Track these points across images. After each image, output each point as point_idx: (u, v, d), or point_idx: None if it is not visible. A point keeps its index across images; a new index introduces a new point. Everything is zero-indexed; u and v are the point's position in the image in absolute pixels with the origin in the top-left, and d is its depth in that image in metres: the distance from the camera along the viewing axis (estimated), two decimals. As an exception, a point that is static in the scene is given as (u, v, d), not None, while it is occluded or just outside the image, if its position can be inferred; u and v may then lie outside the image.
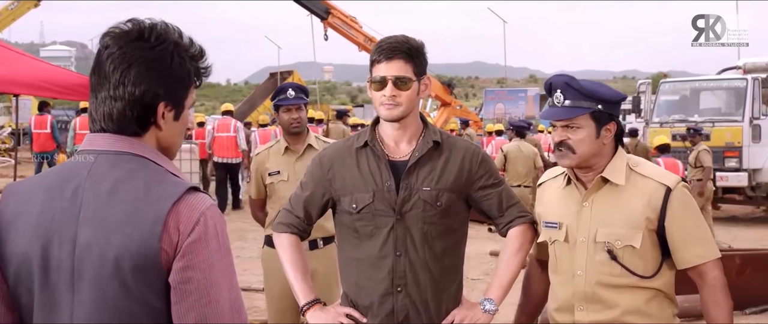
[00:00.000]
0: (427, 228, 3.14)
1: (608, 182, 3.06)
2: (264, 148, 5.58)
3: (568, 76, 3.10)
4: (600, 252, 3.04)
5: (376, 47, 3.16)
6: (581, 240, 3.08)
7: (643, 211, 3.00)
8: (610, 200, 3.05)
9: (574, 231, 3.10)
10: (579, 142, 3.02)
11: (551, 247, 3.19)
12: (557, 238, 3.15)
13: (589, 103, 3.02)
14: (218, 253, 1.94)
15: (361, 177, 3.19)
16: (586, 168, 3.08)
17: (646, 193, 3.01)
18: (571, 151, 3.03)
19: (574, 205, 3.11)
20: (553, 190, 3.24)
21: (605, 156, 3.08)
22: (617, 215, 3.02)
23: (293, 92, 5.40)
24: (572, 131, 3.03)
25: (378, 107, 3.16)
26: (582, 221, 3.08)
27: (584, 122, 3.03)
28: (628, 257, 3.01)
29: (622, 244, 3.01)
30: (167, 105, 2.01)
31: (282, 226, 3.36)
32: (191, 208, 1.92)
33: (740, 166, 15.41)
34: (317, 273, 5.13)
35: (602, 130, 3.05)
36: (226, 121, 17.09)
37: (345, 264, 3.30)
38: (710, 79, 17.07)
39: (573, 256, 3.09)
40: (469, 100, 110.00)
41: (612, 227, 3.02)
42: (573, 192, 3.14)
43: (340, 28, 27.66)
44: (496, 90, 40.85)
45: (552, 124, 3.14)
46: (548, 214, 3.20)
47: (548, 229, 3.19)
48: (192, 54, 2.06)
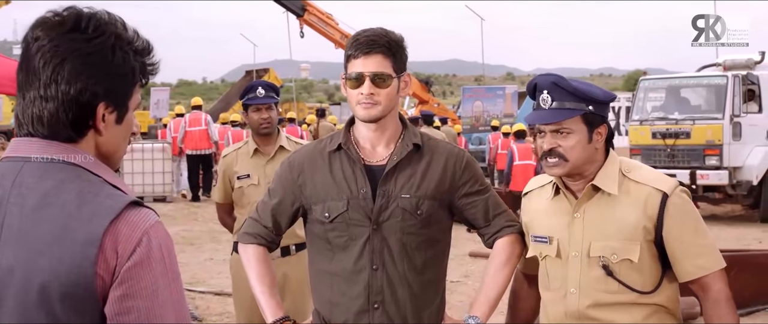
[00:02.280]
0: (407, 239, 2.89)
1: (600, 190, 2.81)
2: (232, 150, 5.32)
3: (555, 75, 2.83)
4: (594, 267, 2.78)
5: (352, 41, 2.90)
6: (573, 255, 2.82)
7: (638, 221, 2.75)
8: (603, 210, 2.80)
9: (565, 245, 2.84)
10: (571, 149, 2.76)
11: (542, 262, 2.93)
12: (548, 253, 2.89)
13: (579, 104, 2.76)
14: (164, 279, 1.67)
15: (334, 183, 2.93)
16: (576, 175, 2.82)
17: (640, 200, 2.76)
18: (563, 159, 2.76)
19: (565, 216, 2.86)
20: (540, 201, 2.97)
21: (597, 162, 2.82)
22: (611, 226, 2.77)
23: (263, 91, 5.14)
24: (562, 137, 2.77)
25: (354, 107, 2.90)
26: (574, 234, 2.82)
27: (575, 126, 2.76)
28: (625, 272, 2.76)
29: (619, 258, 2.76)
30: (108, 106, 1.75)
31: (248, 236, 3.09)
32: (132, 227, 1.66)
33: (721, 164, 15.30)
34: (290, 279, 4.96)
35: (594, 133, 2.79)
36: (197, 115, 18.60)
37: (316, 278, 3.04)
38: (690, 77, 16.95)
39: (565, 273, 2.84)
40: (446, 97, 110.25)
41: (606, 240, 2.77)
42: (562, 202, 2.88)
43: (316, 26, 27.54)
44: (473, 88, 40.63)
45: (538, 129, 2.84)
46: (537, 226, 2.94)
47: (538, 244, 2.93)
48: (137, 48, 1.80)
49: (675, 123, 15.68)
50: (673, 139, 15.59)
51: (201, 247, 12.17)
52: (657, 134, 15.75)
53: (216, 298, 8.74)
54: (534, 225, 2.95)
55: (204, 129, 18.18)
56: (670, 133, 15.61)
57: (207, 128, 18.20)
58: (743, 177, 15.46)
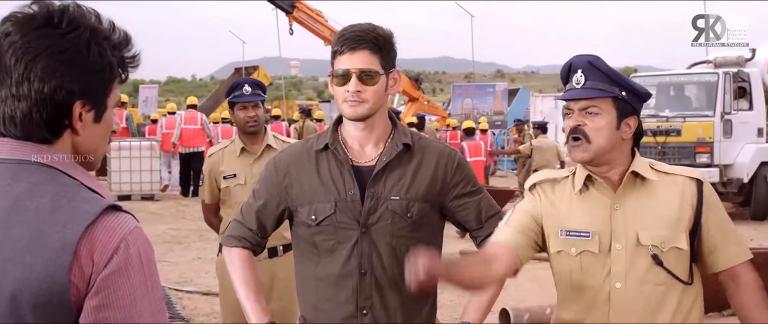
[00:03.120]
0: (396, 242, 2.80)
1: (637, 179, 2.72)
2: (218, 148, 5.23)
3: (592, 56, 2.73)
4: (642, 257, 2.67)
5: (339, 37, 2.81)
6: (617, 248, 2.69)
7: (680, 209, 2.69)
8: (644, 199, 2.71)
9: (606, 239, 2.70)
10: (596, 131, 2.65)
11: (575, 258, 2.73)
12: (588, 248, 2.71)
13: (612, 87, 2.67)
14: (142, 287, 1.59)
15: (321, 184, 2.84)
16: (603, 165, 2.70)
17: (677, 189, 2.70)
18: (587, 140, 2.65)
19: (602, 209, 2.72)
20: (562, 196, 2.80)
21: (623, 154, 2.72)
22: (655, 215, 2.69)
23: (249, 88, 5.06)
24: (590, 117, 2.66)
25: (341, 104, 2.80)
26: (617, 226, 2.70)
27: (605, 107, 2.66)
28: (673, 261, 2.68)
29: (668, 246, 2.67)
30: (85, 104, 1.67)
31: (232, 239, 3.00)
32: (109, 233, 1.58)
33: (712, 161, 15.28)
34: (278, 280, 4.88)
35: (623, 122, 2.69)
36: (193, 114, 18.98)
37: (303, 283, 2.96)
38: (681, 74, 16.92)
39: (608, 269, 2.70)
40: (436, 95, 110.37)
41: (653, 229, 2.67)
42: (595, 195, 2.74)
43: (305, 23, 27.41)
44: (463, 85, 40.52)
45: (566, 109, 2.73)
46: (566, 221, 2.76)
47: (573, 239, 2.73)
48: (114, 42, 1.72)
49: (666, 120, 15.64)
50: (663, 137, 15.56)
51: (189, 246, 12.06)
52: (648, 131, 15.64)
53: (203, 298, 8.65)
54: (562, 220, 2.77)
55: (199, 128, 18.61)
56: (660, 131, 15.58)
57: (203, 127, 18.67)
58: (734, 174, 15.45)
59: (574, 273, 2.76)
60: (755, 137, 15.77)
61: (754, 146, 15.60)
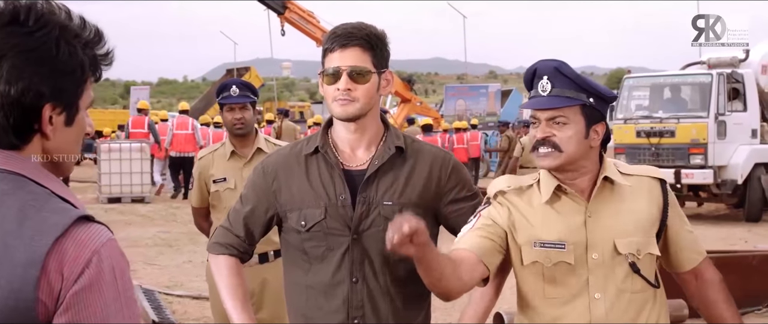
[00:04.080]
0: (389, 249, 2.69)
1: (608, 184, 2.63)
2: (208, 152, 5.12)
3: (557, 61, 2.64)
4: (620, 266, 2.58)
5: (330, 34, 2.70)
6: (594, 257, 2.59)
7: (649, 212, 2.63)
8: (616, 205, 2.62)
9: (581, 248, 2.60)
10: (566, 140, 2.56)
11: (549, 269, 2.62)
12: (563, 259, 2.60)
13: (579, 94, 2.58)
14: (115, 304, 1.48)
15: (311, 189, 2.73)
16: (569, 172, 2.61)
17: (643, 191, 2.65)
18: (557, 149, 2.56)
19: (575, 217, 2.61)
20: (530, 205, 2.67)
21: (592, 161, 2.63)
22: (628, 220, 2.61)
23: (237, 89, 4.94)
24: (558, 127, 2.57)
25: (330, 104, 2.70)
26: (592, 235, 2.59)
27: (573, 116, 2.57)
28: (647, 267, 2.62)
29: (643, 252, 2.60)
30: (55, 107, 1.56)
31: (219, 246, 2.89)
32: (80, 246, 1.47)
33: (706, 163, 15.20)
34: (269, 286, 4.76)
35: (591, 130, 2.60)
36: (184, 119, 19.38)
37: (292, 291, 2.84)
38: (675, 75, 16.84)
39: (585, 279, 2.59)
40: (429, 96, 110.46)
41: (628, 235, 2.59)
42: (568, 203, 2.64)
43: (297, 24, 27.40)
44: (456, 86, 40.61)
45: (532, 117, 2.64)
46: (539, 232, 2.63)
47: (547, 250, 2.61)
48: (85, 40, 1.61)
49: (659, 121, 15.57)
50: (657, 138, 15.49)
51: (180, 249, 11.96)
52: (641, 133, 15.63)
53: (194, 302, 8.55)
54: (529, 229, 2.65)
55: (190, 133, 18.84)
56: (654, 132, 15.50)
57: (194, 133, 18.90)
58: (728, 176, 15.38)
59: (548, 286, 2.64)
60: (749, 138, 15.71)
61: (748, 147, 15.54)
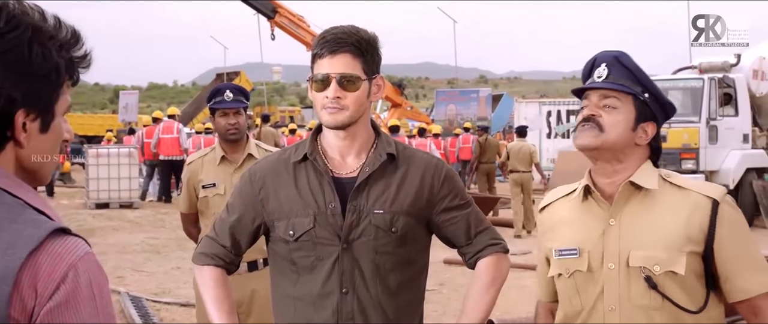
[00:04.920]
0: (380, 259, 2.61)
1: (639, 191, 2.48)
2: (197, 157, 5.02)
3: (619, 52, 2.53)
4: (635, 280, 2.43)
5: (319, 39, 2.60)
6: (610, 267, 2.46)
7: (685, 230, 2.41)
8: (643, 215, 2.46)
9: (598, 257, 2.48)
10: (611, 124, 2.44)
11: (569, 280, 2.54)
12: (578, 267, 2.50)
13: (635, 86, 2.46)
14: (93, 321, 1.39)
15: (299, 197, 2.64)
16: (608, 161, 2.48)
17: (686, 206, 2.43)
18: (600, 128, 2.44)
19: (597, 224, 2.50)
20: (564, 212, 2.60)
21: (634, 161, 2.49)
22: (653, 234, 2.43)
23: (231, 94, 4.85)
24: (607, 110, 2.45)
25: (320, 111, 2.61)
26: (609, 243, 2.47)
27: (624, 105, 2.45)
28: (669, 286, 2.41)
29: (662, 269, 2.40)
30: (29, 113, 1.48)
31: (204, 257, 2.79)
32: (55, 260, 1.38)
33: (697, 168, 15.22)
34: (258, 295, 4.68)
35: (640, 126, 2.47)
36: (170, 123, 19.70)
37: (279, 302, 2.75)
38: (666, 79, 16.80)
39: (600, 289, 2.48)
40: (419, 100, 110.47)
41: (648, 249, 2.42)
42: (593, 209, 2.52)
43: (287, 28, 27.35)
44: (447, 91, 40.45)
45: (584, 97, 2.52)
46: (560, 239, 2.57)
47: (563, 260, 2.53)
48: (61, 41, 1.52)
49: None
50: (649, 143, 15.42)
51: (168, 256, 11.86)
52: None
53: (182, 310, 8.46)
54: (556, 238, 2.59)
55: (176, 137, 19.25)
56: (646, 137, 15.44)
57: (178, 136, 19.28)
58: (720, 181, 15.30)
59: (564, 296, 2.58)
60: (741, 143, 15.74)
61: (740, 152, 15.57)
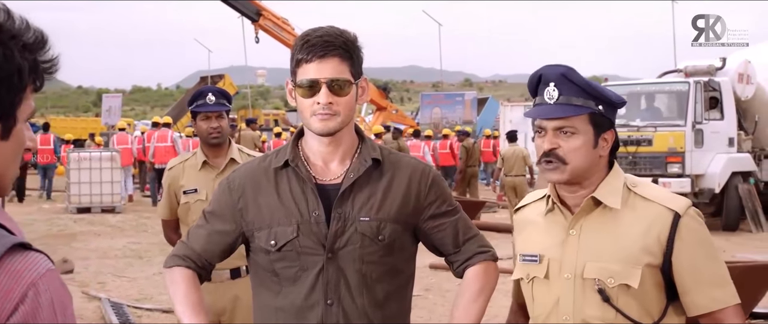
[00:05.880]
0: (367, 269, 2.50)
1: (601, 205, 2.45)
2: (178, 162, 4.88)
3: (564, 67, 2.47)
4: (589, 292, 2.42)
5: (302, 43, 2.49)
6: (566, 277, 2.45)
7: (643, 243, 2.39)
8: (603, 227, 2.44)
9: (556, 265, 2.47)
10: (573, 152, 2.40)
11: (528, 286, 2.56)
12: (536, 274, 2.51)
13: (588, 102, 2.41)
14: None
15: (281, 205, 2.53)
16: (575, 185, 2.46)
17: (647, 219, 2.41)
18: (563, 162, 2.41)
19: (559, 232, 2.49)
20: (534, 217, 2.60)
21: (599, 171, 2.47)
22: (611, 246, 2.41)
23: (213, 97, 4.72)
24: (565, 138, 2.41)
25: (309, 118, 2.49)
26: (567, 253, 2.46)
27: (581, 126, 2.41)
28: (623, 299, 2.39)
29: (616, 282, 2.39)
30: None
31: (176, 258, 2.66)
32: (14, 277, 1.28)
33: (683, 171, 15.18)
34: (241, 302, 4.54)
35: (600, 138, 2.44)
36: (165, 132, 20.09)
37: (261, 314, 2.63)
38: (652, 83, 16.81)
39: (556, 298, 2.47)
40: (404, 104, 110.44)
41: (604, 261, 2.41)
42: (557, 217, 2.51)
43: (271, 31, 27.23)
44: (432, 94, 40.42)
45: (538, 126, 2.48)
46: (527, 244, 2.58)
47: (525, 264, 2.55)
48: (25, 42, 1.40)
49: (637, 130, 15.52)
50: (634, 147, 15.43)
51: (150, 261, 11.71)
52: (619, 141, 15.53)
53: (163, 316, 8.36)
54: (523, 242, 2.60)
55: (170, 145, 19.54)
56: (631, 141, 15.44)
57: (173, 145, 19.64)
58: (705, 185, 15.38)
59: (528, 301, 2.58)
60: (726, 147, 15.72)
61: (726, 156, 15.55)
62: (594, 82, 2.47)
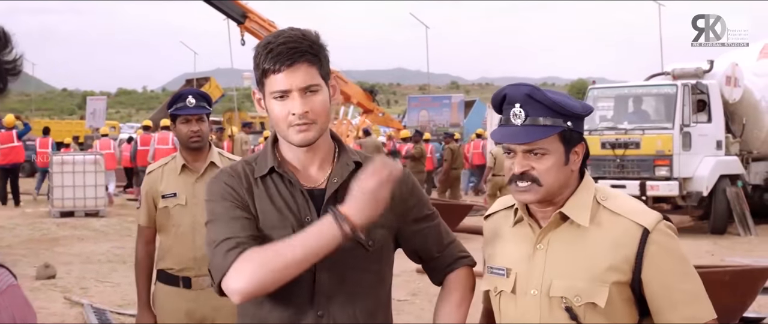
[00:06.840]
0: (358, 277, 2.40)
1: (568, 220, 2.37)
2: (157, 166, 4.75)
3: (528, 86, 2.36)
4: (556, 310, 2.34)
5: (265, 51, 2.33)
6: (533, 293, 2.37)
7: (611, 260, 2.30)
8: (571, 243, 2.36)
9: (524, 280, 2.40)
10: (545, 172, 2.32)
11: (495, 298, 2.49)
12: (503, 288, 2.44)
13: (556, 120, 2.32)
14: None
15: (274, 209, 2.39)
16: (546, 202, 2.39)
17: (615, 235, 2.32)
18: (537, 183, 2.33)
19: (526, 246, 2.41)
20: (503, 227, 2.53)
21: (570, 186, 2.39)
22: (578, 263, 2.33)
23: (193, 100, 4.61)
24: (536, 159, 2.33)
25: (285, 130, 2.35)
26: (535, 268, 2.38)
27: (551, 146, 2.32)
28: (591, 317, 2.31)
29: (582, 301, 2.31)
30: None
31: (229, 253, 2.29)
32: None
33: (671, 174, 15.18)
34: (223, 309, 4.38)
35: (571, 153, 2.36)
36: (165, 134, 20.17)
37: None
38: (640, 86, 16.78)
39: (523, 314, 2.40)
40: (391, 107, 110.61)
41: (570, 279, 2.33)
42: (525, 230, 2.44)
43: (257, 33, 27.07)
44: (419, 97, 40.33)
45: (506, 148, 2.39)
46: (495, 256, 2.50)
47: (493, 277, 2.49)
48: None
49: (624, 133, 15.51)
50: (622, 150, 15.44)
51: (134, 266, 11.55)
52: (606, 144, 15.55)
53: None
54: (493, 254, 2.53)
55: (172, 147, 19.34)
56: (619, 143, 15.44)
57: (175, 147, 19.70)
58: (693, 188, 15.37)
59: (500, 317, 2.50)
60: (714, 150, 15.73)
61: (713, 159, 15.55)
62: (559, 98, 2.36)
